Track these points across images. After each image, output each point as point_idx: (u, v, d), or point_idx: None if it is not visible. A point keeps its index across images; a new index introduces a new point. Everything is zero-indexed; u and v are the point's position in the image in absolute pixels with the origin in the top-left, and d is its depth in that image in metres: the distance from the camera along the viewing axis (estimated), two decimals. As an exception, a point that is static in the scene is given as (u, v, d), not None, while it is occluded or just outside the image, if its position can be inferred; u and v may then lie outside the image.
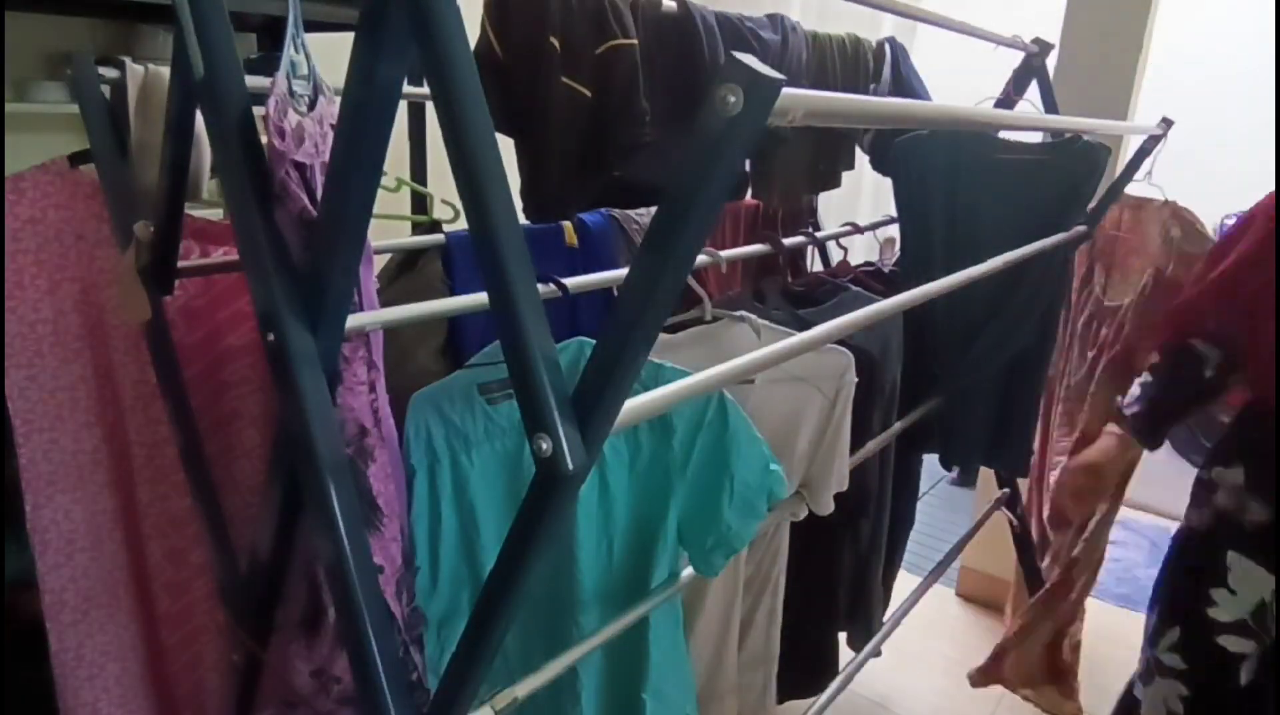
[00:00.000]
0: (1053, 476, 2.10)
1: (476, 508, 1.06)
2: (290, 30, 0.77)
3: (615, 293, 1.29)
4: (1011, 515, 2.12)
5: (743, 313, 1.25)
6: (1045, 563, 2.15)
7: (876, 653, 1.64)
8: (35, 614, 1.10)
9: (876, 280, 1.72)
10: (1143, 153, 1.68)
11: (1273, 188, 1.31)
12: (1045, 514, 2.15)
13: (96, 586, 1.12)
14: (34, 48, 2.14)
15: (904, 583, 1.88)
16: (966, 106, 1.35)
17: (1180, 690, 1.36)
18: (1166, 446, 1.58)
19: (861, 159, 1.93)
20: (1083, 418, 2.00)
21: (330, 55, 0.88)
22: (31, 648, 1.13)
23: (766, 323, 1.25)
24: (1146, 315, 1.88)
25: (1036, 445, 2.08)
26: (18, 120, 1.99)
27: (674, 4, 1.31)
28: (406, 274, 1.34)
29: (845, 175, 1.89)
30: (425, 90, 0.61)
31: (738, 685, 1.32)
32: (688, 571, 1.10)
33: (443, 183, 0.79)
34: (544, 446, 0.56)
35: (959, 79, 1.95)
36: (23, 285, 1.02)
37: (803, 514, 1.24)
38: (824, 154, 1.80)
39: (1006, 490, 2.11)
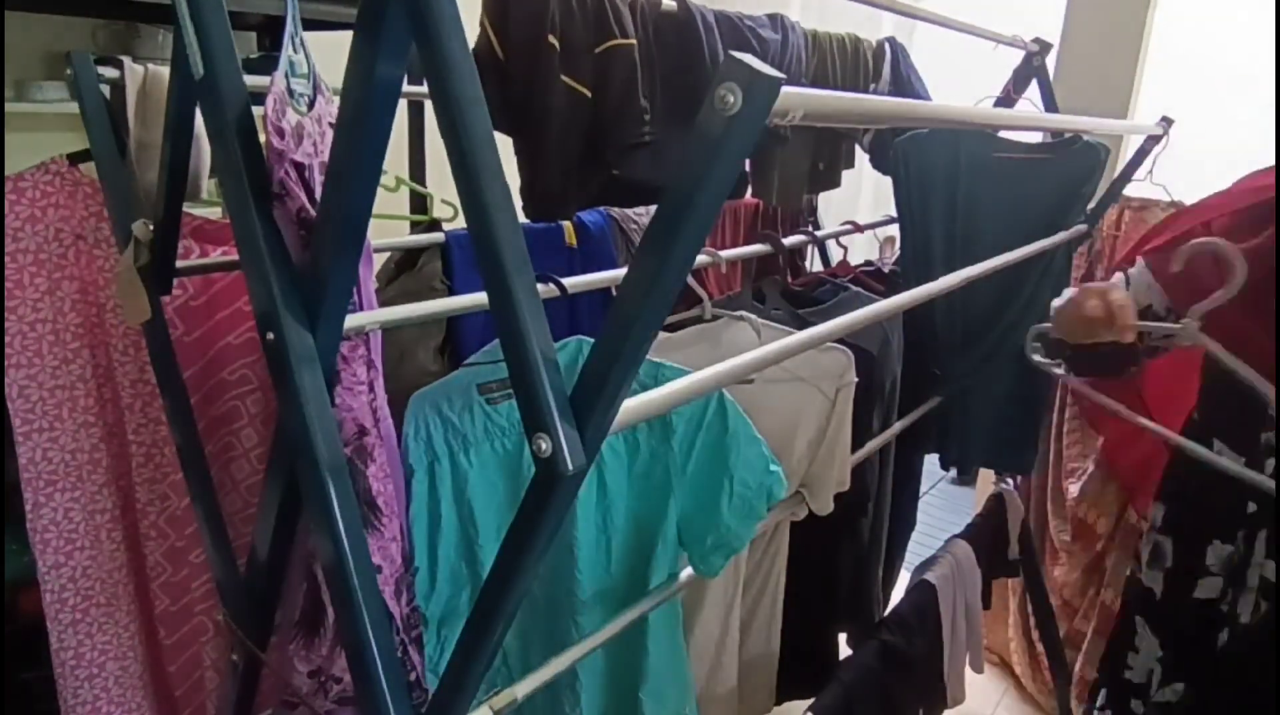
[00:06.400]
0: (1069, 485, 2.04)
1: (475, 507, 1.06)
2: (289, 29, 0.77)
3: (614, 292, 1.29)
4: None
5: (742, 312, 1.25)
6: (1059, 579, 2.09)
7: (876, 652, 1.64)
8: (35, 614, 1.10)
9: (876, 280, 1.72)
10: (1142, 152, 1.68)
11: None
12: (1055, 525, 2.09)
13: (96, 586, 1.12)
14: (34, 48, 2.14)
15: (904, 582, 1.87)
16: (966, 106, 1.35)
17: None
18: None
19: (861, 159, 1.93)
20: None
21: (330, 55, 0.88)
22: (31, 647, 1.13)
23: (766, 322, 1.25)
24: None
25: (1051, 453, 2.06)
26: (18, 120, 1.99)
27: (674, 3, 1.31)
28: (406, 273, 1.34)
29: (845, 175, 1.89)
30: (425, 89, 0.61)
31: (738, 685, 1.32)
32: (687, 572, 1.09)
33: (442, 182, 0.78)
34: (543, 446, 0.56)
35: (959, 79, 1.95)
36: (22, 285, 1.02)
37: (802, 514, 1.24)
38: (824, 153, 1.80)
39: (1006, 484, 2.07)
